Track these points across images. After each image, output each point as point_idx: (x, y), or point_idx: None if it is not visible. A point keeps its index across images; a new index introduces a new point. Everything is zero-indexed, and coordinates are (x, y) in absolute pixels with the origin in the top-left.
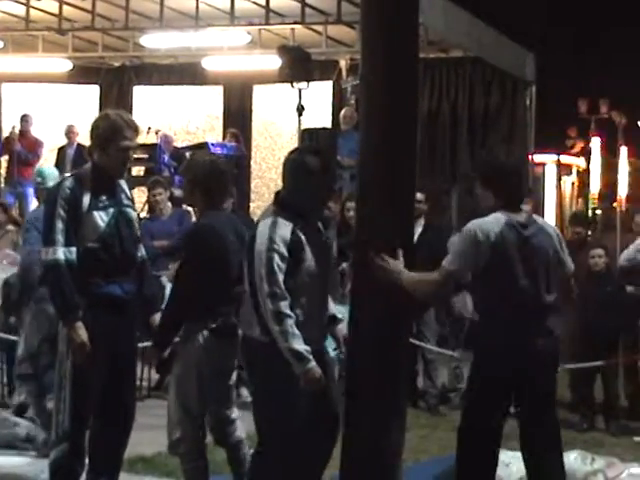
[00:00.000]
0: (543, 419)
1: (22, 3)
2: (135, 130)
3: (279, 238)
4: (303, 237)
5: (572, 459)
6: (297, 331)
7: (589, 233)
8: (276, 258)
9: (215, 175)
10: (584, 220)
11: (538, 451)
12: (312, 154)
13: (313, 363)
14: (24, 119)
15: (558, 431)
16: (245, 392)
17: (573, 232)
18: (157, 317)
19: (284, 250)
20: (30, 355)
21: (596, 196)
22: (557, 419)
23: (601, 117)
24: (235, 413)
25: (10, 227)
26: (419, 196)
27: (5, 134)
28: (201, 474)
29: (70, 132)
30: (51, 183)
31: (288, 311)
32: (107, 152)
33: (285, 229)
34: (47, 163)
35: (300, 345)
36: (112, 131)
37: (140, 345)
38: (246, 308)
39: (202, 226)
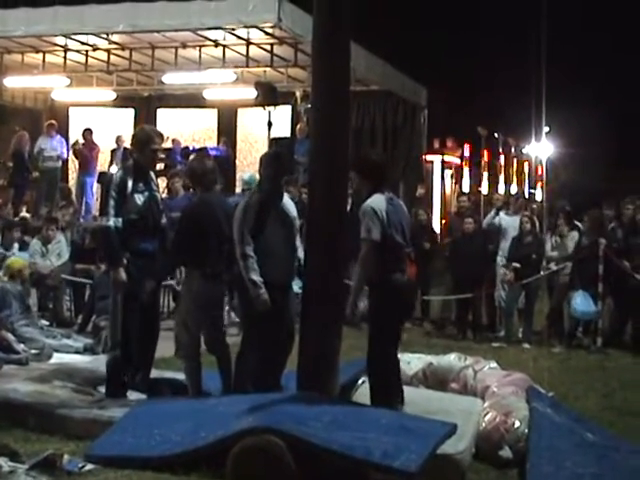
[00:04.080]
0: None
1: (83, 54)
2: (161, 138)
3: (251, 207)
4: (273, 206)
5: (452, 358)
6: (256, 267)
7: (469, 204)
8: (247, 218)
9: (200, 172)
10: (468, 196)
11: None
12: (277, 153)
13: (263, 290)
14: (88, 130)
15: None
16: (232, 315)
17: (460, 201)
18: None
19: (252, 214)
20: None
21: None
22: None
23: (471, 132)
24: (224, 331)
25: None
26: None
27: (71, 142)
28: (195, 369)
29: (119, 140)
30: (253, 186)
31: (251, 253)
32: (144, 153)
33: (256, 202)
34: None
35: (256, 277)
36: (147, 138)
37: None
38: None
39: (194, 203)
